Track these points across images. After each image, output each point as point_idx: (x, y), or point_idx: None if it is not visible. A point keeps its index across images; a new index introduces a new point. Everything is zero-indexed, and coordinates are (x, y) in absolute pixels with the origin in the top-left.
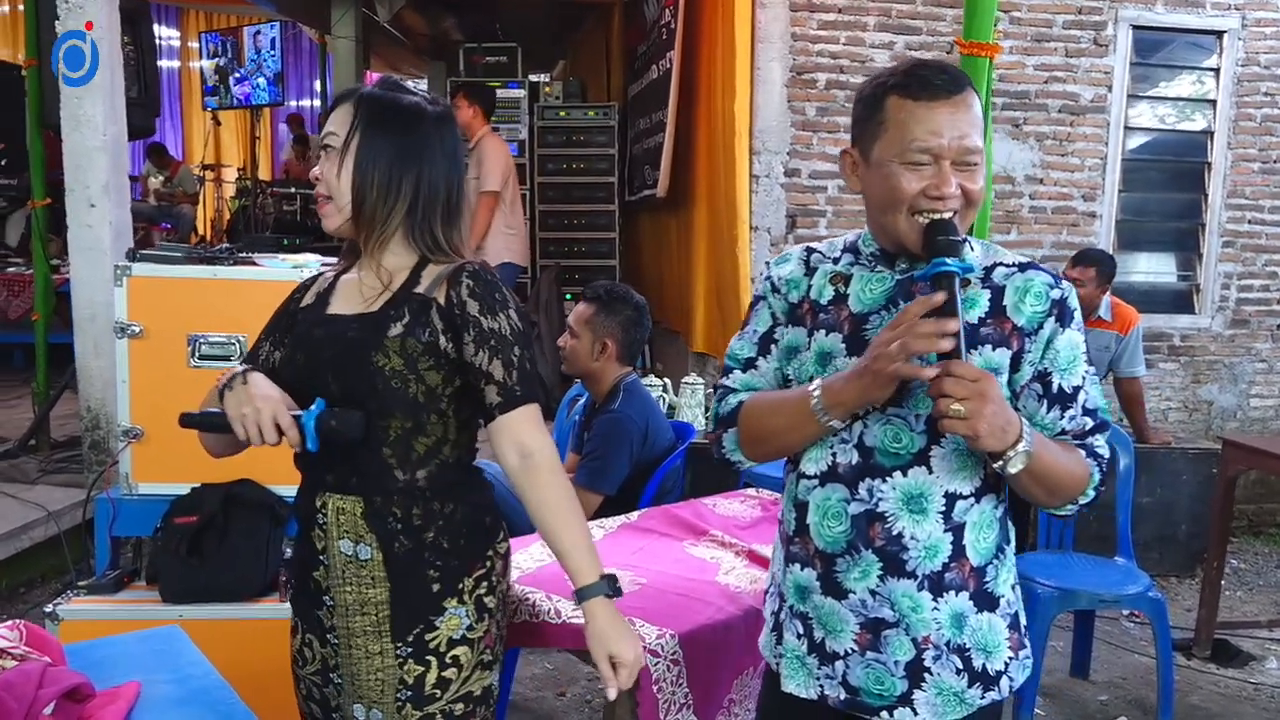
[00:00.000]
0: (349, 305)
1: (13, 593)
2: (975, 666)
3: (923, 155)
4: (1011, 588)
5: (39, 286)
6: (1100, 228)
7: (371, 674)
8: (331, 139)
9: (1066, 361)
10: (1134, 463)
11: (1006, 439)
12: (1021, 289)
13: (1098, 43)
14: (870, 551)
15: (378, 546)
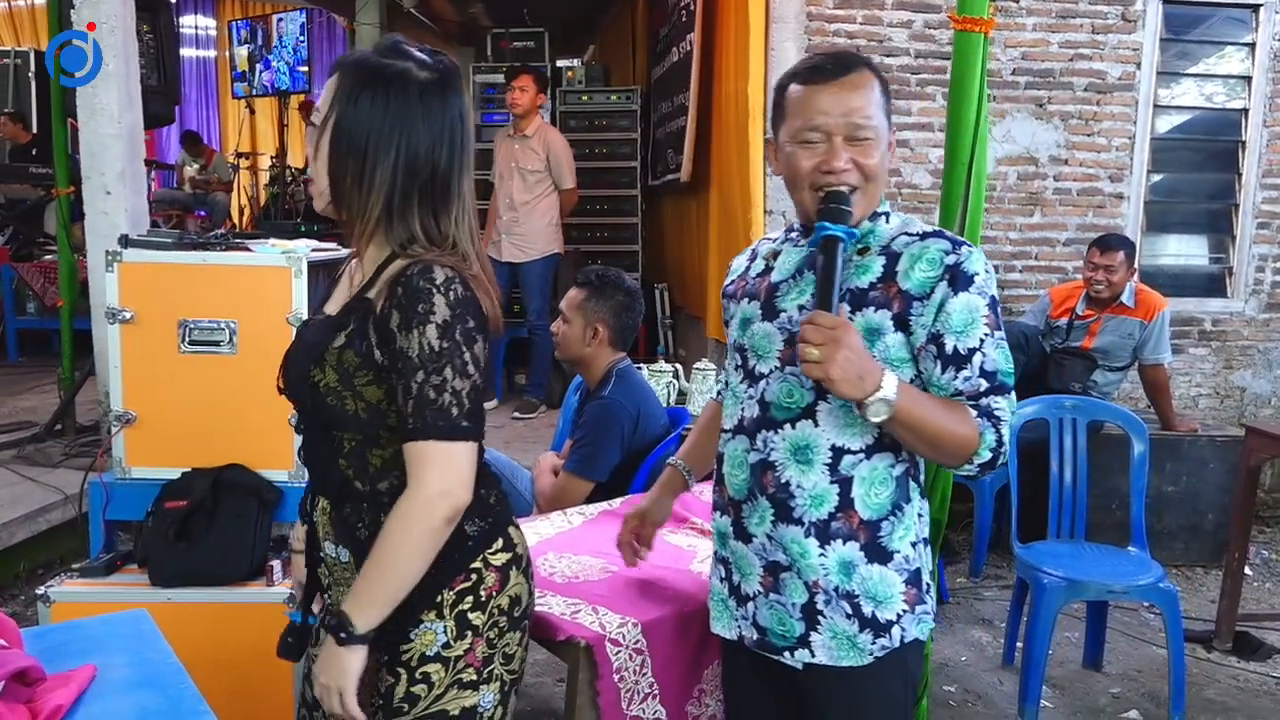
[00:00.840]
0: (336, 301)
1: (31, 574)
2: (865, 613)
3: (813, 134)
4: (912, 545)
5: (63, 273)
6: (1128, 210)
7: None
8: (316, 115)
9: (961, 324)
10: (1148, 449)
11: (864, 386)
12: (915, 255)
13: (1125, 18)
14: (764, 498)
15: (351, 548)
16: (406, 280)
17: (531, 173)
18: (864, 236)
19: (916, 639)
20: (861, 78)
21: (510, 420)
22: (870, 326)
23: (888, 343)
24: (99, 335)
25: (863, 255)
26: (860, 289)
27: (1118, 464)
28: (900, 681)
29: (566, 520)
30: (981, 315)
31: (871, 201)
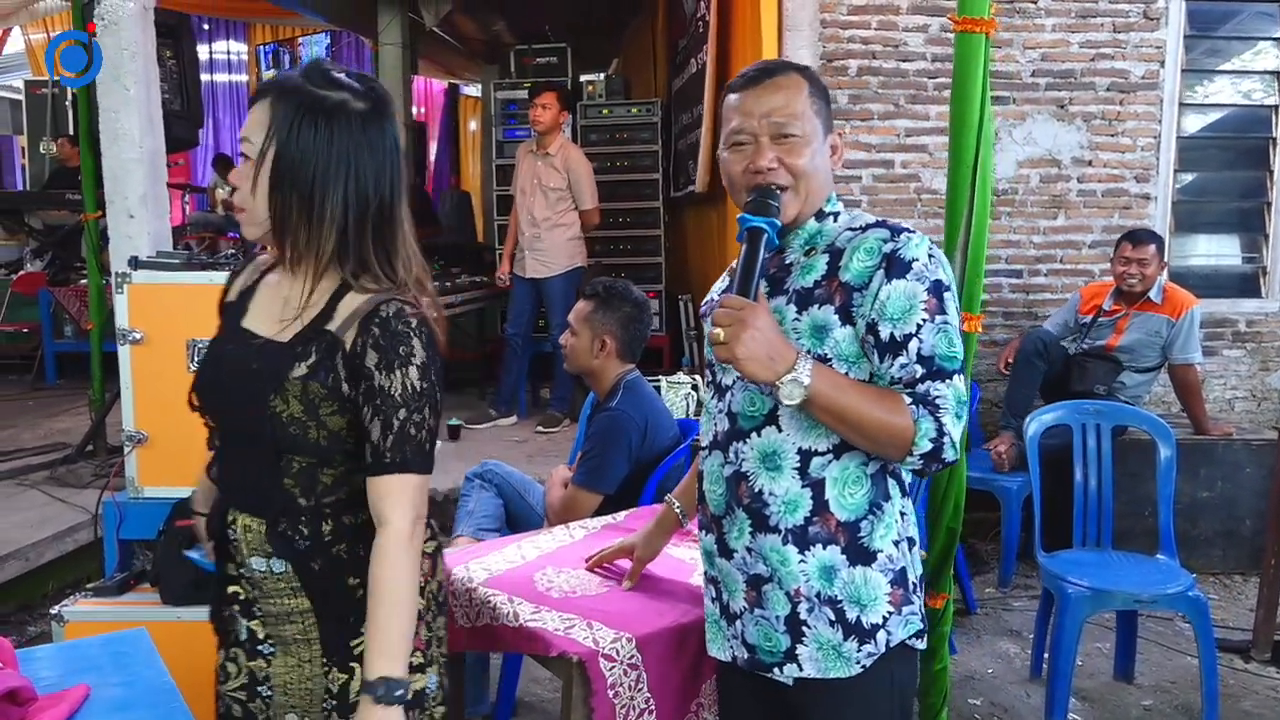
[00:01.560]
0: (263, 320)
1: (59, 593)
2: (849, 619)
3: (741, 136)
4: (895, 544)
5: (93, 297)
6: (1155, 210)
7: (302, 683)
8: (246, 145)
9: (898, 310)
10: (1175, 454)
11: (775, 368)
12: (855, 247)
13: (1148, 16)
14: (741, 510)
15: (289, 560)
16: (383, 323)
17: (553, 190)
18: (811, 237)
19: (904, 644)
20: (787, 80)
21: (534, 434)
22: (816, 324)
23: (836, 338)
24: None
25: (809, 255)
26: (806, 289)
27: (1148, 469)
28: (889, 690)
29: (569, 534)
30: (920, 301)
31: (807, 200)
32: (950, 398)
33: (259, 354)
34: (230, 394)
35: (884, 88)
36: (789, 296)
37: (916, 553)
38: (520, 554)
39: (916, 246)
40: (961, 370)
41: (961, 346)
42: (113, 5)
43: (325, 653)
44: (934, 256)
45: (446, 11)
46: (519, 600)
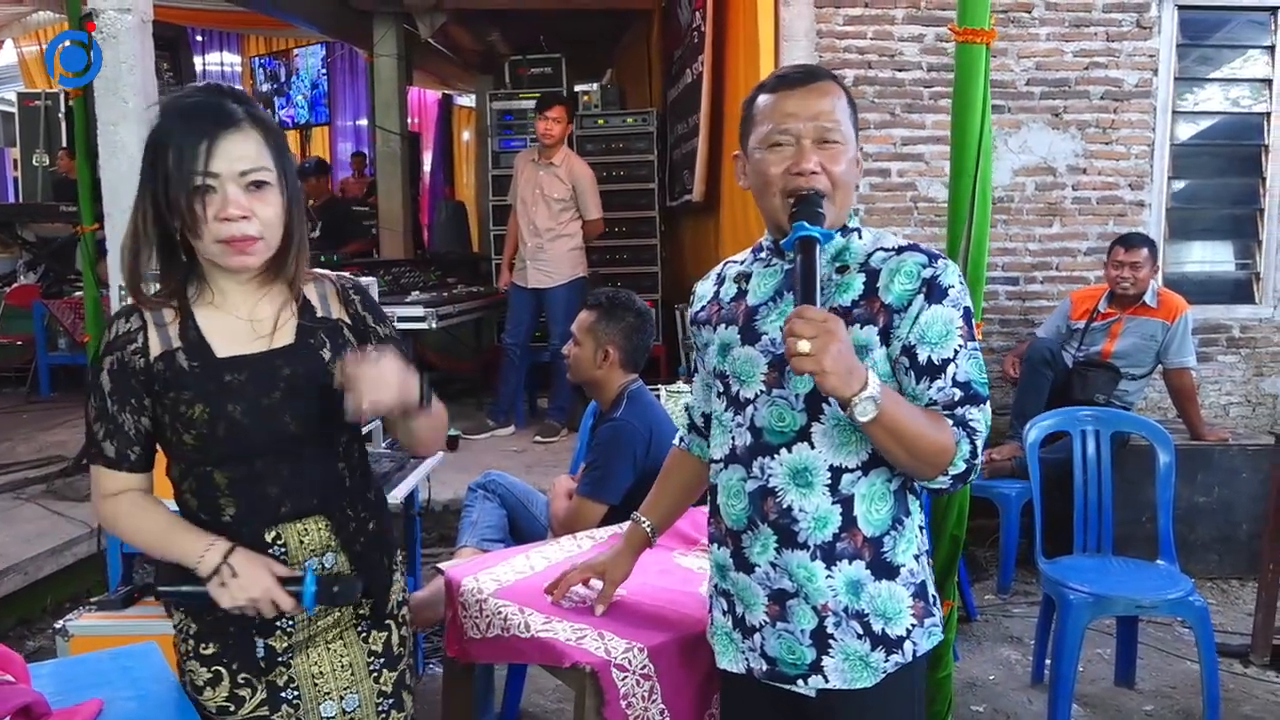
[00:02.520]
0: (241, 345)
1: (59, 608)
2: (875, 631)
3: (783, 136)
4: (915, 558)
5: (89, 309)
6: (1149, 217)
7: (336, 662)
8: (262, 174)
9: (937, 335)
10: (1174, 459)
11: (852, 383)
12: (894, 269)
13: (1141, 25)
14: (766, 525)
15: (343, 551)
16: (356, 289)
17: (557, 200)
18: (840, 253)
19: (926, 653)
20: (828, 86)
21: (532, 444)
22: (858, 344)
23: (875, 358)
24: None
25: (842, 274)
26: (844, 307)
27: (1145, 476)
28: (909, 698)
29: (576, 544)
30: (956, 327)
31: (840, 212)
32: (982, 422)
33: (277, 361)
34: (285, 405)
35: (880, 97)
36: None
37: (931, 565)
38: (529, 564)
39: (953, 274)
40: (988, 396)
41: (985, 373)
42: (111, 18)
43: (359, 621)
44: (963, 284)
45: (441, 23)
46: (530, 611)
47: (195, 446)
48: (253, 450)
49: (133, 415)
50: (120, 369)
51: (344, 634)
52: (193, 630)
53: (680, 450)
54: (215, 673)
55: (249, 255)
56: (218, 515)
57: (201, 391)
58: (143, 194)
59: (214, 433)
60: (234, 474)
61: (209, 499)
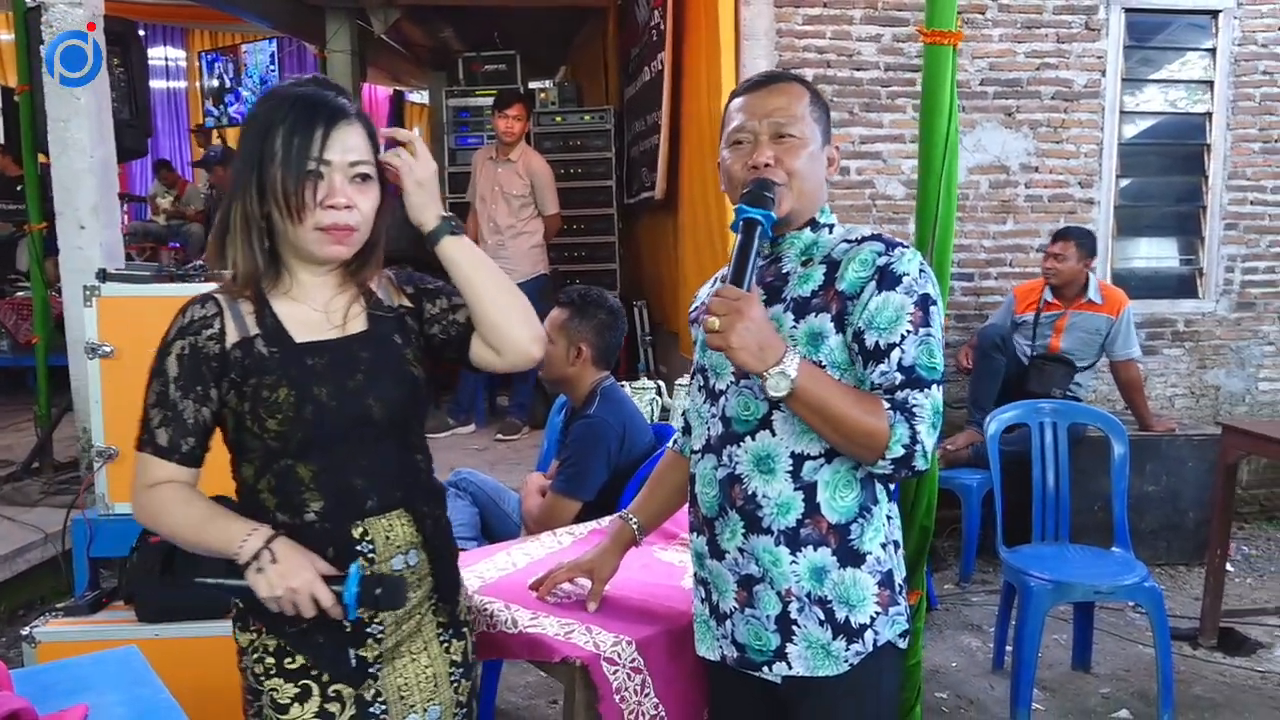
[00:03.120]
0: (318, 332)
1: (13, 615)
2: (838, 619)
3: (742, 134)
4: (882, 546)
5: (37, 310)
6: (1098, 214)
7: (420, 674)
8: (367, 167)
9: (885, 321)
10: (1128, 450)
11: (764, 359)
12: (851, 258)
13: (1089, 27)
14: (734, 511)
15: (424, 549)
16: (405, 278)
17: (516, 197)
18: (808, 247)
19: (891, 643)
20: (789, 86)
21: (494, 442)
22: (813, 332)
23: (831, 345)
24: (76, 371)
25: (807, 266)
26: (804, 298)
27: (1098, 466)
28: (876, 687)
29: (556, 541)
30: (906, 313)
31: (802, 200)
32: (927, 407)
33: (355, 347)
34: (369, 388)
35: (839, 96)
36: (786, 305)
37: (901, 555)
38: (511, 561)
39: (909, 262)
40: (940, 382)
41: (942, 360)
42: (61, 12)
43: (441, 629)
44: (924, 272)
45: (395, 19)
46: (516, 607)
47: (278, 434)
48: (337, 436)
49: (195, 404)
50: (192, 354)
51: (428, 645)
52: (272, 647)
53: (674, 452)
54: (303, 687)
55: (343, 245)
56: (300, 512)
57: (285, 375)
58: (246, 179)
59: (300, 415)
60: (318, 465)
61: (291, 495)
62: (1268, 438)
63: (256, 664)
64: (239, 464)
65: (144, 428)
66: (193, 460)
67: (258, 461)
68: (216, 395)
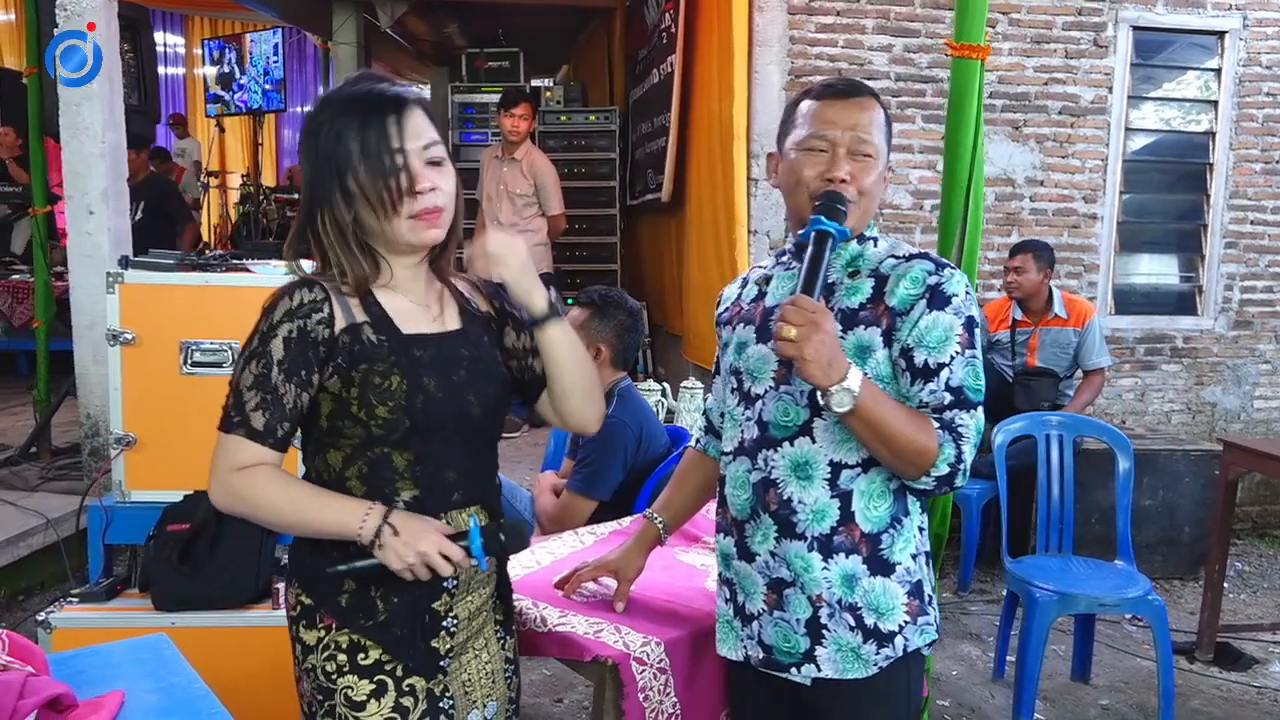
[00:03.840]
0: (420, 325)
1: (12, 600)
2: (868, 625)
3: (819, 142)
4: (913, 557)
5: (39, 294)
6: (1101, 229)
7: (482, 670)
8: (439, 149)
9: (935, 340)
10: (1133, 465)
11: (831, 374)
12: (900, 275)
13: (1098, 44)
14: (768, 515)
15: None
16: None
17: (520, 196)
18: (854, 259)
19: (919, 650)
20: (870, 101)
21: None
22: (861, 344)
23: (878, 359)
24: (80, 357)
25: (854, 278)
26: (851, 309)
27: (1097, 479)
28: (904, 691)
29: (579, 540)
30: (956, 334)
31: (864, 217)
32: (971, 428)
33: (453, 343)
34: (470, 385)
35: None
36: (834, 315)
37: (930, 566)
38: (535, 559)
39: (958, 283)
40: (983, 402)
41: (984, 381)
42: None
43: (499, 626)
44: (970, 294)
45: (402, 13)
46: (544, 605)
47: (386, 421)
48: (440, 428)
49: (297, 388)
50: (300, 337)
51: (489, 642)
52: (344, 643)
53: (696, 451)
54: (379, 683)
55: (437, 228)
56: (390, 500)
57: (396, 363)
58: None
59: (412, 404)
60: (415, 455)
61: (384, 483)
62: (1269, 455)
63: (327, 662)
64: (325, 451)
65: (237, 409)
66: (284, 446)
67: (350, 448)
68: (317, 380)
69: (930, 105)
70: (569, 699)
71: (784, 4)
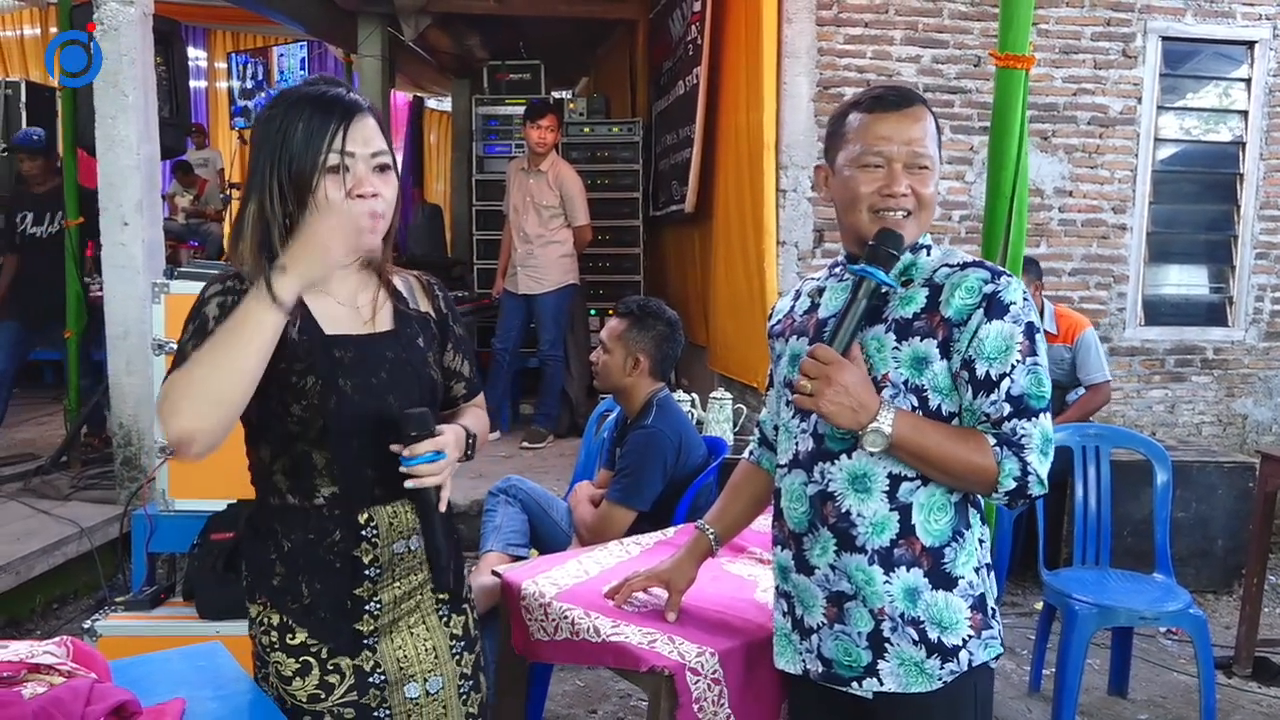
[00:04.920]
0: (345, 326)
1: (46, 609)
2: (931, 639)
3: (875, 158)
4: (975, 571)
5: (71, 304)
6: (1131, 240)
7: (419, 646)
8: (386, 157)
9: (994, 350)
10: (1171, 478)
11: (859, 418)
12: (955, 284)
13: (1126, 54)
14: (826, 529)
15: (421, 533)
16: (440, 287)
17: (546, 207)
18: (906, 268)
19: (985, 664)
20: (921, 111)
21: (519, 450)
22: (918, 355)
23: (935, 370)
24: (114, 367)
25: (907, 287)
26: (905, 319)
27: (1132, 491)
28: (971, 704)
29: (625, 550)
30: (1016, 342)
31: (921, 228)
32: (1035, 436)
33: (381, 344)
34: (391, 385)
35: None
36: (889, 325)
37: (993, 578)
38: (583, 569)
39: (1015, 290)
40: (1049, 408)
41: (1050, 386)
42: (112, 10)
43: (440, 603)
44: (1028, 300)
45: (426, 26)
46: (596, 614)
47: (300, 419)
48: (356, 428)
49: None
50: (232, 306)
51: (426, 618)
52: (275, 621)
53: (749, 463)
54: (304, 663)
55: (375, 234)
56: (310, 496)
57: (313, 363)
58: (265, 179)
59: (325, 405)
60: (333, 453)
61: (304, 479)
62: None
63: (263, 635)
64: (256, 444)
65: (179, 359)
66: None
67: (275, 443)
68: None
69: (959, 116)
70: (603, 710)
71: (812, 15)
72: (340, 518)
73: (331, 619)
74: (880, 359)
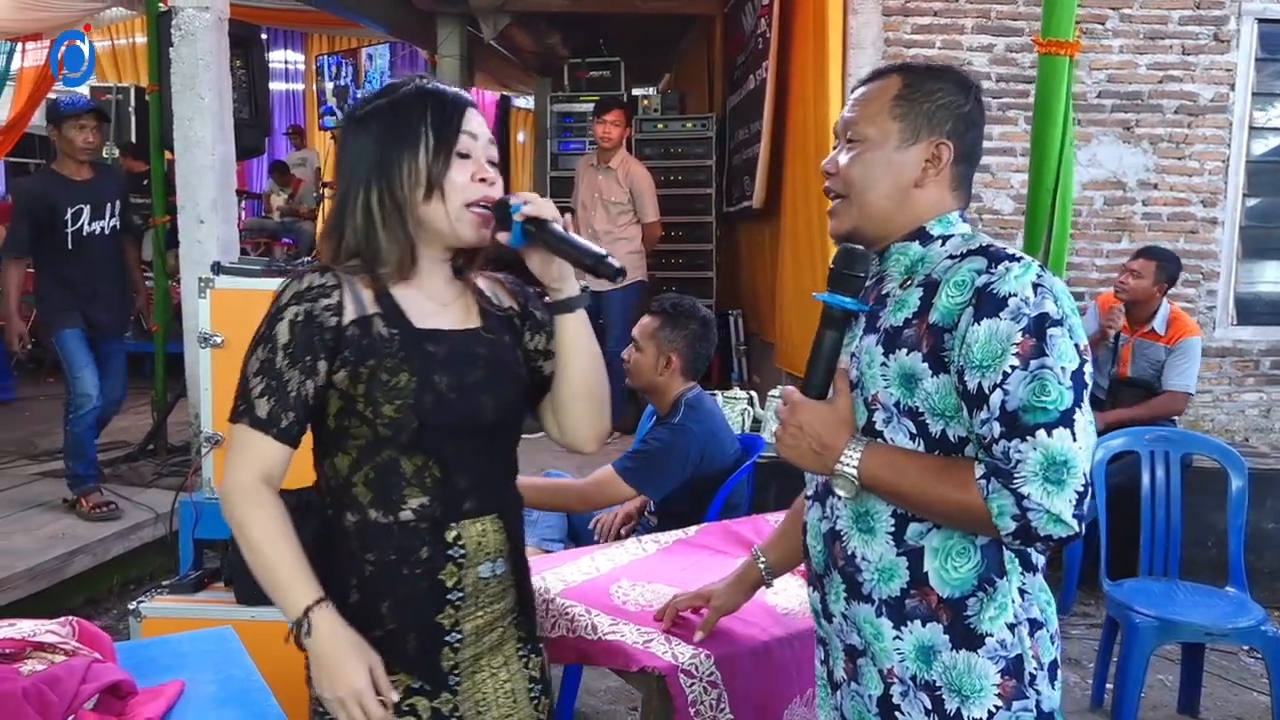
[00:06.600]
0: (435, 320)
1: (123, 589)
2: (948, 710)
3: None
4: (1009, 627)
5: (158, 299)
6: (1222, 235)
7: (499, 688)
8: (493, 149)
9: (984, 356)
10: (1246, 484)
11: (822, 461)
12: (948, 280)
13: (1218, 38)
14: (837, 572)
15: (510, 559)
16: (520, 283)
17: (615, 204)
18: (913, 264)
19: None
20: (881, 80)
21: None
22: (905, 372)
23: (928, 389)
24: (190, 359)
25: (904, 288)
26: (895, 328)
27: (1212, 499)
28: None
29: (641, 548)
30: (1012, 344)
31: (863, 218)
32: (1032, 460)
33: (471, 341)
34: (485, 384)
35: None
36: (879, 336)
37: (1044, 636)
38: (594, 565)
39: (1016, 278)
40: (1063, 421)
41: (1067, 392)
42: (189, 16)
43: (521, 644)
44: (1041, 287)
45: (504, 25)
46: (596, 612)
47: (392, 421)
48: (452, 431)
49: (301, 375)
50: (306, 322)
51: (509, 661)
52: None
53: None
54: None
55: (488, 228)
56: (396, 509)
57: (406, 359)
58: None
59: (420, 403)
60: (424, 459)
61: (391, 489)
62: None
63: None
64: (332, 454)
65: (243, 397)
66: (289, 437)
67: (357, 452)
68: (325, 370)
69: None
70: None
71: (879, 6)
72: (427, 533)
73: (416, 651)
74: (870, 376)
